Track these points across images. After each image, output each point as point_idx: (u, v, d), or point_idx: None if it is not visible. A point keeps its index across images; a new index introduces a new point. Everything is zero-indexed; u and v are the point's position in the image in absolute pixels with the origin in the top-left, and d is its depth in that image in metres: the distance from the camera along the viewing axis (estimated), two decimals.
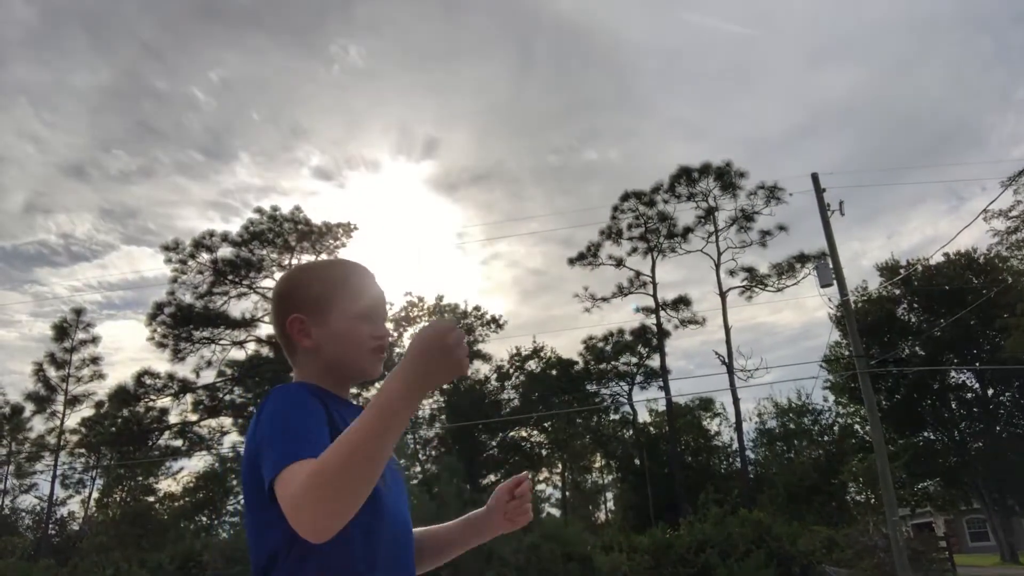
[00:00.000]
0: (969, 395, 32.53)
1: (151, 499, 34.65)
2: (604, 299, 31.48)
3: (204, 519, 38.04)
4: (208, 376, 28.70)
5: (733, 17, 64.87)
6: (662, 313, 30.46)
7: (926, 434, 33.57)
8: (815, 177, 17.71)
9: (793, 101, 70.94)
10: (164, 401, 28.67)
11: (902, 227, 61.35)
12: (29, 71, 51.96)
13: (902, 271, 31.74)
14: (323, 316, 1.25)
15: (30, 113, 52.17)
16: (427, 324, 0.99)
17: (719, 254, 29.86)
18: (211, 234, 29.23)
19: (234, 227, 46.83)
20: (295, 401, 1.08)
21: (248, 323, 29.50)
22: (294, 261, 30.82)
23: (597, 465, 44.45)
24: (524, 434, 36.12)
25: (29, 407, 31.43)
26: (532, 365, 35.49)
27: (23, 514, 39.26)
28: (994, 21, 65.91)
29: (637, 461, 34.85)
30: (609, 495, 48.56)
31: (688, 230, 30.24)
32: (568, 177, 64.68)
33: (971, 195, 61.57)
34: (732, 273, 29.93)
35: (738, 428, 28.32)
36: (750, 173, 30.31)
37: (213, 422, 30.91)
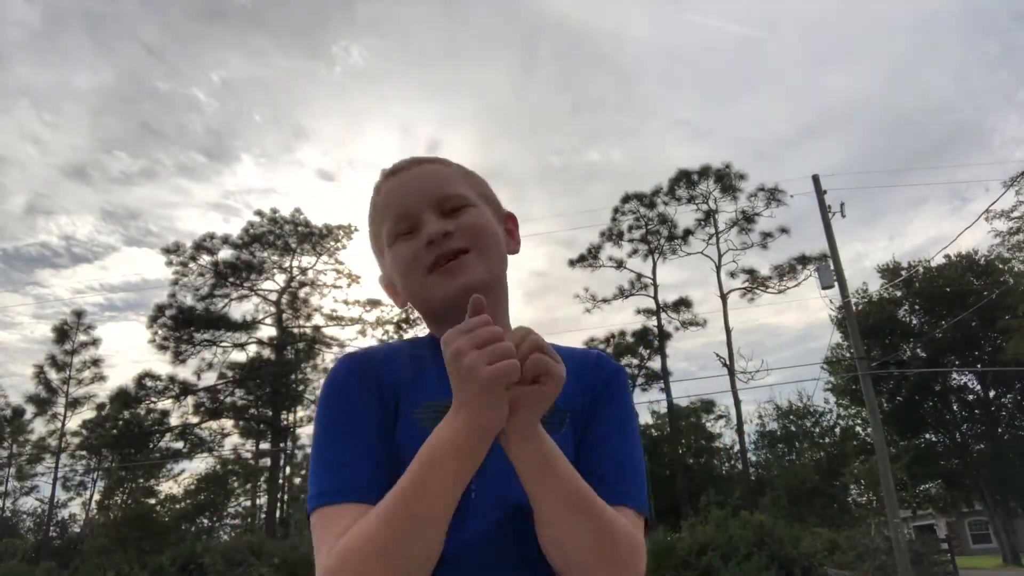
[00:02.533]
0: (970, 397, 32.53)
1: (152, 501, 34.68)
2: (605, 300, 31.44)
3: (205, 521, 38.09)
4: (209, 378, 28.69)
5: (736, 18, 65.00)
6: (663, 315, 30.42)
7: (927, 436, 33.56)
8: (816, 179, 17.76)
9: (796, 102, 71.13)
10: (165, 403, 28.65)
11: (904, 228, 61.45)
12: (31, 72, 52.08)
13: (903, 273, 31.72)
14: (383, 255, 1.00)
15: (32, 114, 52.30)
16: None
17: (720, 256, 29.82)
18: (212, 236, 29.30)
19: (235, 228, 46.87)
20: (328, 399, 0.88)
21: (249, 325, 29.52)
22: (295, 263, 30.86)
23: None
24: None
25: (30, 409, 31.47)
26: None
27: (24, 516, 39.32)
28: (998, 22, 66.04)
29: None
30: None
31: (688, 232, 30.21)
32: (571, 178, 64.78)
33: (974, 196, 61.69)
34: (733, 275, 29.88)
35: (739, 430, 28.25)
36: (753, 174, 30.38)
37: (214, 424, 30.89)
